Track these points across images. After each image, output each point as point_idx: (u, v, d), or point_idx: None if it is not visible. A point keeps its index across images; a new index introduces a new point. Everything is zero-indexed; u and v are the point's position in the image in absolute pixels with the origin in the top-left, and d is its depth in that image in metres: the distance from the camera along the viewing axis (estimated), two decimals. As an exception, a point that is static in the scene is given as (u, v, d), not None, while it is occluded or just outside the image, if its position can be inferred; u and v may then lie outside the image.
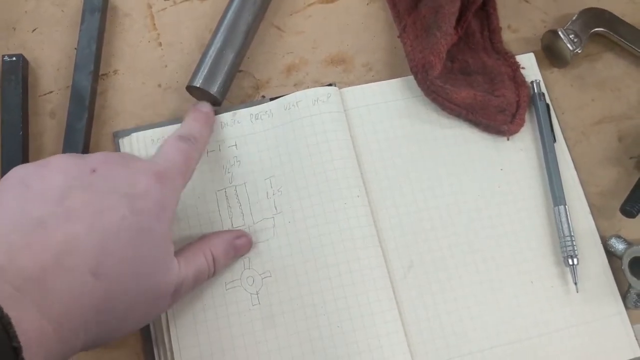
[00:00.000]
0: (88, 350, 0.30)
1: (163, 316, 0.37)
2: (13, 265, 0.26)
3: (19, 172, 0.30)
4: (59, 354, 0.26)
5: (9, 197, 0.29)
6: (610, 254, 0.41)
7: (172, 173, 0.33)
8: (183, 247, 0.36)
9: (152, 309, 0.32)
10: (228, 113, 0.42)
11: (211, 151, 0.41)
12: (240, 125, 0.42)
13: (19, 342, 0.23)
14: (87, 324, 0.28)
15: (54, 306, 0.26)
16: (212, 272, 0.36)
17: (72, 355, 0.28)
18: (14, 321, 0.23)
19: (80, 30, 0.43)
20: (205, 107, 0.40)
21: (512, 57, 0.45)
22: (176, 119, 0.42)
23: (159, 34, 0.45)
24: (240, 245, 0.38)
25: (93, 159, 0.32)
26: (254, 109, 0.42)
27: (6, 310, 0.23)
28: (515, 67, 0.44)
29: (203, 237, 0.37)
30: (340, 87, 0.43)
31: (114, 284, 0.28)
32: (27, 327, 0.24)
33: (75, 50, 0.43)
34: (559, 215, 0.40)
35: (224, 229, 0.39)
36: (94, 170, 0.31)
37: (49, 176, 0.30)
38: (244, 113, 0.42)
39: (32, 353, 0.24)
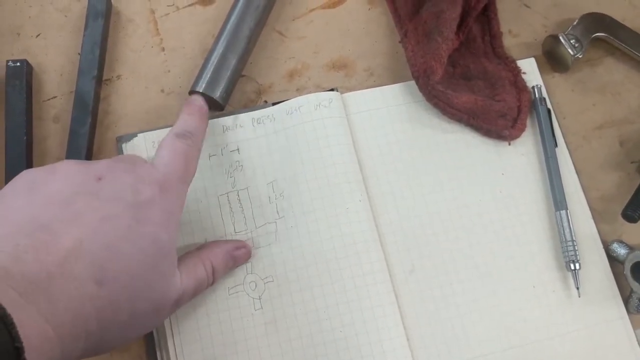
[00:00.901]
0: (88, 357, 0.30)
1: (166, 321, 0.37)
2: (18, 268, 0.26)
3: (27, 176, 0.31)
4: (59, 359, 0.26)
5: (17, 200, 0.29)
6: (612, 259, 0.41)
7: (174, 181, 0.33)
8: (183, 255, 0.36)
9: (154, 318, 0.32)
10: (230, 117, 0.42)
11: (213, 155, 0.41)
12: (242, 129, 0.42)
13: (21, 343, 0.23)
14: (88, 330, 0.28)
15: (57, 312, 0.26)
16: (211, 282, 0.36)
17: None
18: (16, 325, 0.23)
19: (83, 36, 0.43)
20: (198, 100, 0.39)
21: (513, 62, 0.45)
22: (179, 124, 0.42)
23: (161, 39, 0.45)
24: (239, 256, 0.38)
25: (99, 166, 0.32)
26: (256, 114, 0.42)
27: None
28: (516, 72, 0.45)
29: (203, 247, 0.38)
30: (342, 92, 0.43)
31: (117, 293, 0.29)
32: (29, 332, 0.24)
33: (78, 56, 0.43)
34: (561, 220, 0.41)
35: (227, 233, 0.40)
36: (99, 178, 0.31)
37: (56, 182, 0.30)
38: (246, 118, 0.42)
39: (33, 357, 0.24)
